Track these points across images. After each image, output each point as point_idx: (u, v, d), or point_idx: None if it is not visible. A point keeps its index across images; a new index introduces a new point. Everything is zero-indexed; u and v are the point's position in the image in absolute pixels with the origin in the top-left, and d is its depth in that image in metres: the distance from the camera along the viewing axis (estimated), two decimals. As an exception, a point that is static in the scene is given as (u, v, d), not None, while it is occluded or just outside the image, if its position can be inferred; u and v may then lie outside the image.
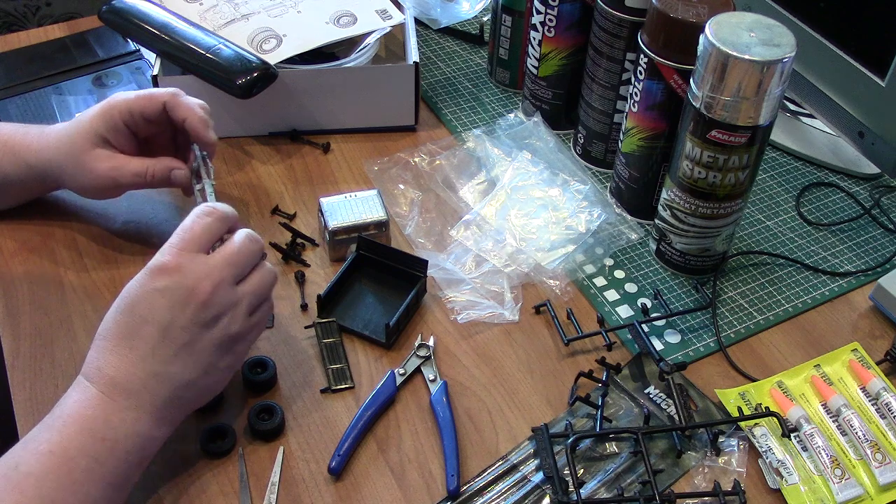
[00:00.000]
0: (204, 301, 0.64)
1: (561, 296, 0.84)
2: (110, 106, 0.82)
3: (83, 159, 0.81)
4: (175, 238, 0.65)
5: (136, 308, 0.63)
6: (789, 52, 0.71)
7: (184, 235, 0.65)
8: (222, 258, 0.65)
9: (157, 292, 0.63)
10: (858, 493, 0.69)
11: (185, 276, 0.63)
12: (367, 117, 1.00)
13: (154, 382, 0.63)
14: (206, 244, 0.66)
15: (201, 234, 0.66)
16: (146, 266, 0.64)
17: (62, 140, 0.82)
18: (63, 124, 0.84)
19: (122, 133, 0.82)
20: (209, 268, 0.64)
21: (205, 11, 1.00)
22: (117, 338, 0.63)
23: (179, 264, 0.64)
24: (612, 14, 0.86)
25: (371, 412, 0.73)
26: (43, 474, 0.58)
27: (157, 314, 0.63)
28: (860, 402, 0.76)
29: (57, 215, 0.89)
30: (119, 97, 0.82)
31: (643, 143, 0.86)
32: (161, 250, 0.65)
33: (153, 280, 0.63)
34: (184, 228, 0.66)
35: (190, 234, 0.65)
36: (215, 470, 0.69)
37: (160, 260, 0.64)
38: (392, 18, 1.01)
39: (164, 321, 0.63)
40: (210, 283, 0.64)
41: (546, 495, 0.69)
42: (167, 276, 0.63)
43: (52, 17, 1.64)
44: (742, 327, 0.83)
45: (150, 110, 0.81)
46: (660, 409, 0.75)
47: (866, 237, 0.93)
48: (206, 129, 0.82)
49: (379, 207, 0.86)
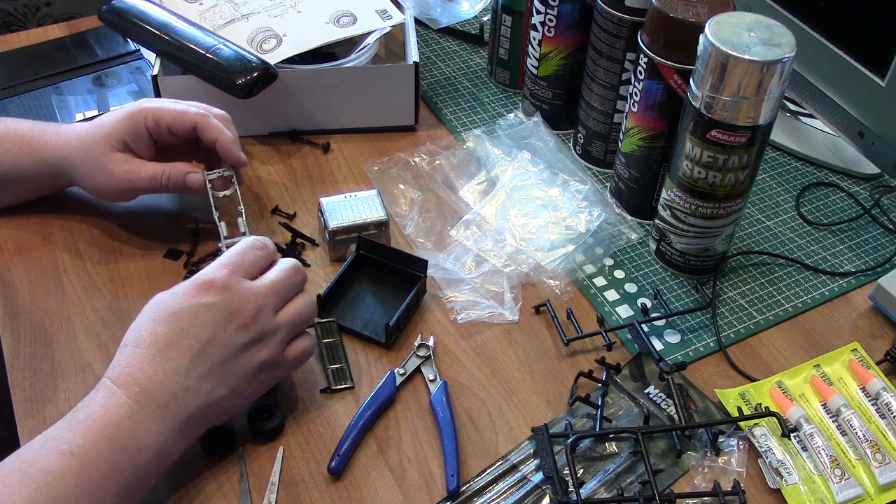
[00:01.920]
0: (245, 323, 0.65)
1: (561, 296, 0.84)
2: (140, 112, 0.83)
3: (101, 161, 0.82)
4: (227, 259, 0.67)
5: (178, 319, 0.64)
6: (789, 52, 0.71)
7: (235, 260, 0.67)
8: (268, 285, 0.67)
9: (203, 307, 0.64)
10: (858, 493, 0.69)
11: (233, 297, 0.65)
12: (367, 117, 1.00)
13: (184, 396, 0.63)
14: (253, 274, 0.68)
15: (251, 263, 0.68)
16: (191, 279, 0.66)
17: (82, 139, 0.82)
18: (84, 124, 0.84)
19: (144, 140, 0.83)
20: (255, 293, 0.66)
21: (205, 11, 1.00)
22: (154, 347, 0.63)
23: (228, 284, 0.65)
24: (611, 14, 0.86)
25: (371, 412, 0.73)
26: (61, 474, 0.58)
27: (199, 328, 0.64)
28: (860, 402, 0.76)
29: (57, 215, 0.89)
30: (148, 105, 0.83)
31: (643, 143, 0.86)
32: (210, 267, 0.67)
33: (200, 294, 0.64)
34: (236, 254, 0.68)
35: (241, 260, 0.67)
36: (215, 470, 0.69)
37: (210, 275, 0.65)
38: (392, 18, 1.01)
39: (205, 336, 0.64)
40: (254, 306, 0.65)
41: (546, 495, 0.69)
42: (215, 292, 0.65)
43: (52, 17, 1.64)
44: (742, 327, 0.83)
45: (179, 127, 0.83)
46: (660, 409, 0.75)
47: (866, 237, 0.93)
48: (238, 150, 0.84)
49: (379, 207, 0.86)
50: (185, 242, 0.87)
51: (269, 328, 0.66)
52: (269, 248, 0.70)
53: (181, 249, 0.86)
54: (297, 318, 0.69)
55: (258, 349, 0.66)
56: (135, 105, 0.83)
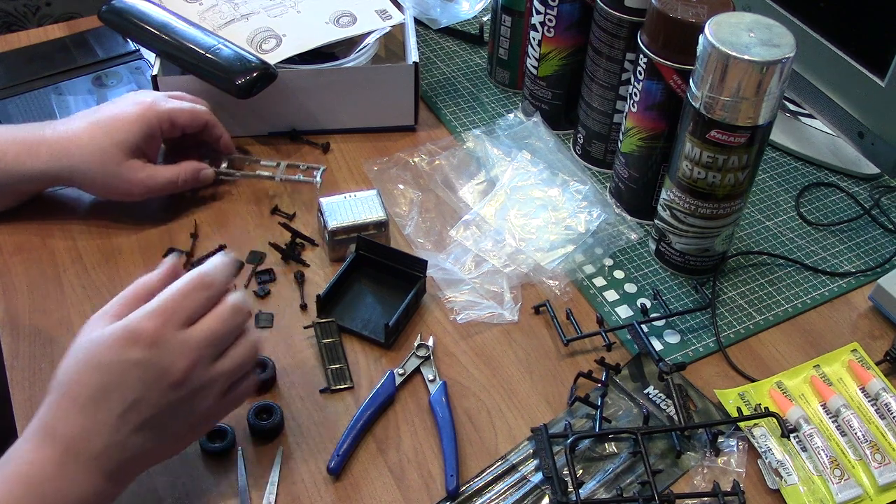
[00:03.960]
0: (177, 381, 0.59)
1: (560, 296, 0.84)
2: (154, 115, 0.84)
3: (117, 170, 0.83)
4: (162, 303, 0.60)
5: (106, 373, 0.58)
6: (789, 52, 0.71)
7: (172, 305, 0.60)
8: (203, 337, 0.60)
9: (131, 364, 0.58)
10: (857, 494, 0.69)
11: (162, 354, 0.59)
12: (367, 117, 1.00)
13: (115, 449, 0.59)
14: (191, 320, 0.61)
15: (190, 308, 0.61)
16: (122, 325, 0.59)
17: (91, 149, 0.82)
18: (85, 129, 0.83)
19: (157, 141, 0.86)
20: (188, 347, 0.60)
21: (204, 11, 1.00)
22: (83, 397, 0.58)
23: (157, 339, 0.58)
24: (611, 14, 0.86)
25: (370, 412, 0.73)
26: None
27: (126, 387, 0.58)
28: (859, 402, 0.76)
29: (57, 215, 0.89)
30: (159, 108, 0.85)
31: (643, 144, 0.86)
32: (141, 313, 0.59)
33: (127, 349, 0.58)
34: (174, 297, 0.60)
35: (178, 305, 0.60)
36: (215, 470, 0.69)
37: (138, 326, 0.58)
38: (392, 18, 1.00)
39: (134, 395, 0.58)
40: (186, 362, 0.59)
41: (545, 495, 0.69)
42: (143, 348, 0.58)
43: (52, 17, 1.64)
44: (741, 327, 0.83)
45: (193, 127, 0.88)
46: (659, 410, 0.75)
47: (866, 237, 0.93)
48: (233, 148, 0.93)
49: (378, 207, 0.86)
50: (184, 242, 0.87)
51: (204, 382, 0.61)
52: (216, 287, 0.62)
53: (181, 249, 0.86)
54: (237, 366, 0.63)
55: (192, 404, 0.61)
56: (145, 108, 0.84)
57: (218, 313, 0.62)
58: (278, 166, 0.93)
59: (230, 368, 0.62)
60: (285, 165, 0.94)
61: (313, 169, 0.93)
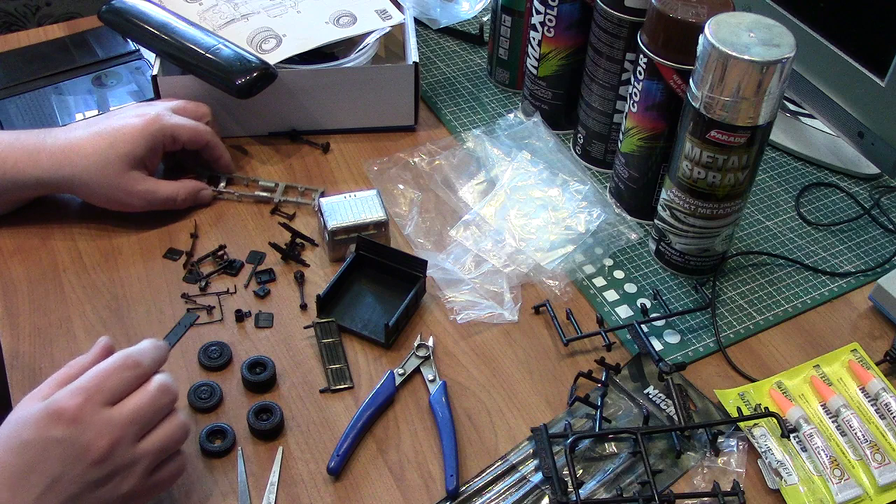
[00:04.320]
0: (97, 459, 0.58)
1: (560, 296, 0.84)
2: (158, 130, 0.85)
3: (119, 181, 0.84)
4: (86, 381, 0.60)
5: (27, 452, 0.57)
6: (789, 52, 0.71)
7: (95, 383, 0.59)
8: (127, 415, 0.60)
9: (52, 442, 0.57)
10: (857, 494, 0.69)
11: (83, 431, 0.58)
12: (367, 117, 1.00)
13: None
14: (116, 399, 0.60)
15: (115, 387, 0.60)
16: (45, 403, 0.58)
17: (95, 160, 0.83)
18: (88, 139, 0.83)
19: (158, 154, 0.87)
20: (111, 425, 0.59)
21: (204, 11, 1.00)
22: (3, 478, 0.57)
23: (79, 416, 0.58)
24: (611, 14, 0.86)
25: (370, 412, 0.73)
26: None
27: (47, 465, 0.57)
28: (859, 402, 0.76)
29: (57, 215, 0.89)
30: (163, 122, 0.86)
31: (643, 144, 0.86)
32: (64, 391, 0.59)
33: (50, 426, 0.58)
34: (98, 375, 0.60)
35: (101, 384, 0.60)
36: (215, 470, 0.69)
37: (60, 404, 0.58)
38: (392, 18, 1.00)
39: (54, 474, 0.57)
40: (108, 441, 0.58)
41: (545, 495, 0.69)
42: (65, 425, 0.58)
43: (52, 17, 1.64)
44: (741, 327, 0.83)
45: (194, 144, 0.89)
46: (659, 410, 0.75)
47: (866, 237, 0.93)
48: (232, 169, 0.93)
49: (378, 207, 0.86)
50: (184, 242, 0.87)
51: (126, 461, 0.59)
52: (143, 367, 0.62)
53: (181, 249, 0.86)
54: (163, 446, 0.62)
55: (116, 483, 0.59)
56: (149, 121, 0.85)
57: (143, 392, 0.61)
58: (276, 187, 0.92)
59: (155, 448, 0.61)
60: (283, 187, 0.92)
61: (311, 191, 0.93)
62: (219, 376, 0.76)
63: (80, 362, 0.63)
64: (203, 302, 0.82)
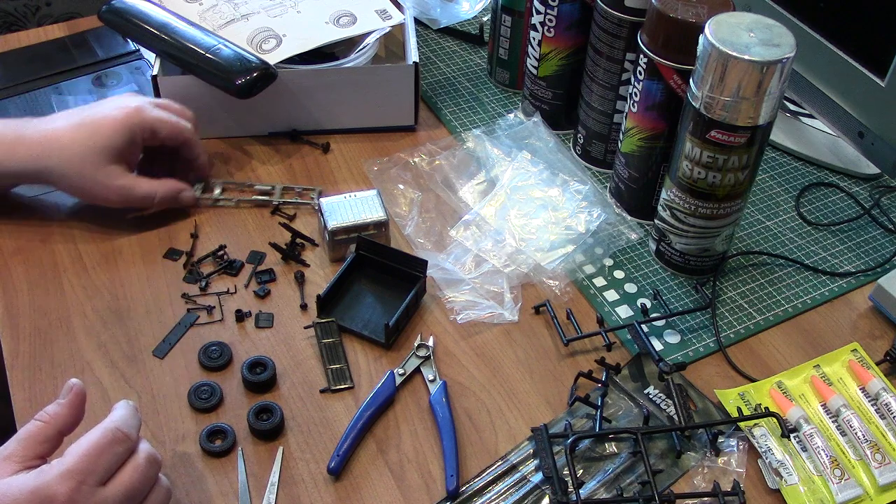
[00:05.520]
0: None
1: (560, 296, 0.84)
2: (137, 125, 0.83)
3: (96, 174, 0.82)
4: (76, 463, 0.57)
5: None
6: (789, 52, 0.71)
7: (87, 465, 0.57)
8: (122, 494, 0.58)
9: None
10: (858, 494, 0.69)
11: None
12: (367, 117, 1.00)
13: None
14: (108, 477, 0.58)
15: (106, 465, 0.58)
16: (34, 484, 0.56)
17: (73, 151, 0.81)
18: (67, 131, 0.82)
19: (138, 148, 0.85)
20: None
21: (204, 11, 1.00)
22: None
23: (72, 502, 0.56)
24: (611, 14, 0.86)
25: (370, 412, 0.73)
26: None
27: None
28: (860, 402, 0.76)
29: (57, 215, 0.89)
30: (143, 115, 0.84)
31: (643, 144, 0.86)
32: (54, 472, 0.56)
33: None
34: (88, 455, 0.57)
35: (93, 465, 0.57)
36: (215, 470, 0.69)
37: (53, 490, 0.55)
38: (392, 18, 1.00)
39: None
40: None
41: (545, 495, 0.69)
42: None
43: (52, 17, 1.64)
44: (742, 327, 0.83)
45: (172, 140, 0.87)
46: (659, 410, 0.75)
47: (866, 237, 0.93)
48: (211, 170, 0.92)
49: (378, 207, 0.86)
50: (184, 243, 0.87)
51: None
52: (132, 439, 0.60)
53: (181, 249, 0.86)
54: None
55: None
56: (129, 113, 0.83)
57: (134, 468, 0.59)
58: (274, 189, 0.92)
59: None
60: (281, 188, 0.92)
61: (308, 191, 0.92)
62: (219, 376, 0.76)
63: (54, 417, 0.60)
64: (203, 302, 0.82)
